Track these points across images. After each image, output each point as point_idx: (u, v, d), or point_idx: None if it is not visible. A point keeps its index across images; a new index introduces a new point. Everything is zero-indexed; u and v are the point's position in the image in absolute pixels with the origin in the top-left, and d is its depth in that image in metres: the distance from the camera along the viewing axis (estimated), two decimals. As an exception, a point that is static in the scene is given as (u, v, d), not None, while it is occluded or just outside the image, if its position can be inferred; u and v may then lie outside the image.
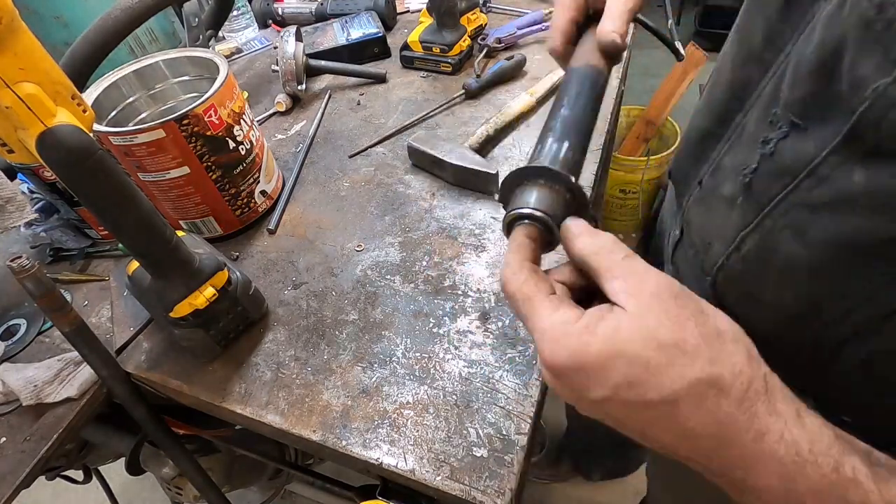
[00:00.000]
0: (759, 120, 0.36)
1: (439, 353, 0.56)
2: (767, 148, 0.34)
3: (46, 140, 0.39)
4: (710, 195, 0.43)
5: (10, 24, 0.36)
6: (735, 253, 0.38)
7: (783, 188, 0.33)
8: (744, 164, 0.37)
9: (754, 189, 0.36)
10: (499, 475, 0.47)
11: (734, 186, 0.38)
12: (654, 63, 2.78)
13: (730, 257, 0.39)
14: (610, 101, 0.85)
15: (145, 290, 0.54)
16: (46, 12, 1.03)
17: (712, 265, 0.41)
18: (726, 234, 0.39)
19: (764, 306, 0.38)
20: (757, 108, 0.37)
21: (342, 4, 1.15)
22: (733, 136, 0.40)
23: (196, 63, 0.72)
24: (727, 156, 0.41)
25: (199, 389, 0.57)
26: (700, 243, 0.44)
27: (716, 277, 0.41)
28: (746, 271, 0.38)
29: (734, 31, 0.43)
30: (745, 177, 0.36)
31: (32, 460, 0.54)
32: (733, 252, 0.38)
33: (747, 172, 0.36)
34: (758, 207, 0.35)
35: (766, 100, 0.36)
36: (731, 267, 0.39)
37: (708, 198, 0.43)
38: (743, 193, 0.37)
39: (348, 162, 0.83)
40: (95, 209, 0.46)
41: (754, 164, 0.36)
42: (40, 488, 0.73)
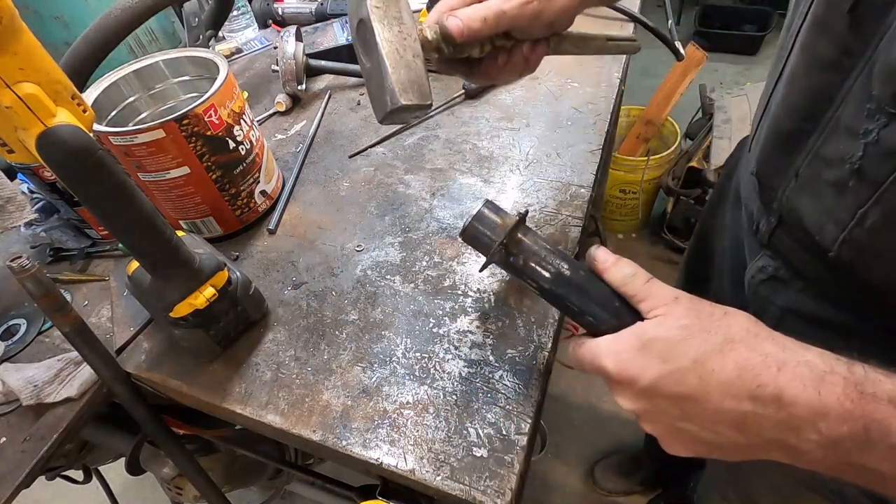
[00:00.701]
0: (854, 115, 0.41)
1: (439, 353, 0.56)
2: (871, 137, 0.39)
3: (46, 140, 0.39)
4: (812, 184, 0.47)
5: (10, 24, 0.36)
6: (857, 227, 0.43)
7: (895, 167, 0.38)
8: (847, 153, 0.41)
9: (865, 172, 0.40)
10: (499, 475, 0.47)
11: (840, 173, 0.43)
12: (654, 63, 2.78)
13: (852, 232, 0.43)
14: (610, 102, 0.85)
15: (145, 290, 0.54)
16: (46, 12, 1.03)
17: (832, 241, 0.46)
18: (840, 215, 0.44)
19: None
20: (849, 105, 0.41)
21: (342, 4, 1.15)
22: (826, 131, 0.44)
23: (196, 63, 0.72)
24: (823, 147, 0.45)
25: (199, 389, 0.57)
26: (812, 225, 0.48)
27: (839, 252, 0.45)
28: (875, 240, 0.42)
29: (800, 48, 0.47)
30: (852, 164, 0.41)
31: (32, 460, 0.54)
32: (855, 227, 0.43)
33: (854, 160, 0.41)
34: (873, 186, 0.40)
35: (858, 97, 0.40)
36: (857, 239, 0.43)
37: (811, 186, 0.47)
38: (853, 178, 0.42)
39: (348, 162, 0.83)
40: (95, 209, 0.46)
41: (860, 152, 0.40)
42: (40, 488, 0.72)
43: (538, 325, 0.57)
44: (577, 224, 0.68)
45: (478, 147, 0.81)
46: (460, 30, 0.45)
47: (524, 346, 0.56)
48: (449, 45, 0.46)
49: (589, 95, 0.87)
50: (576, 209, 0.69)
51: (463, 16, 0.44)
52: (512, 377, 0.53)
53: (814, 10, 0.44)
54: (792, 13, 0.51)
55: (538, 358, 0.55)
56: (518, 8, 0.44)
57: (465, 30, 0.44)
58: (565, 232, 0.67)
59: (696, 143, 1.80)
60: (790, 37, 0.50)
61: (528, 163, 0.77)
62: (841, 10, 0.40)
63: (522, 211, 0.44)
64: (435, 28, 0.46)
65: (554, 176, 0.74)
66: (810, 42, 0.45)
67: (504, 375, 0.54)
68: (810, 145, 0.46)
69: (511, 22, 0.45)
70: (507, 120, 0.85)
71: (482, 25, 0.45)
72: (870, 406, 0.31)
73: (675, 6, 3.06)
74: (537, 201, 0.71)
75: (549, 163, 0.77)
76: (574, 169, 0.75)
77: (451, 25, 0.45)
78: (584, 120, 0.82)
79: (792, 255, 0.54)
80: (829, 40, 0.43)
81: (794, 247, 0.53)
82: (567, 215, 0.69)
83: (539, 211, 0.70)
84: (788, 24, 0.52)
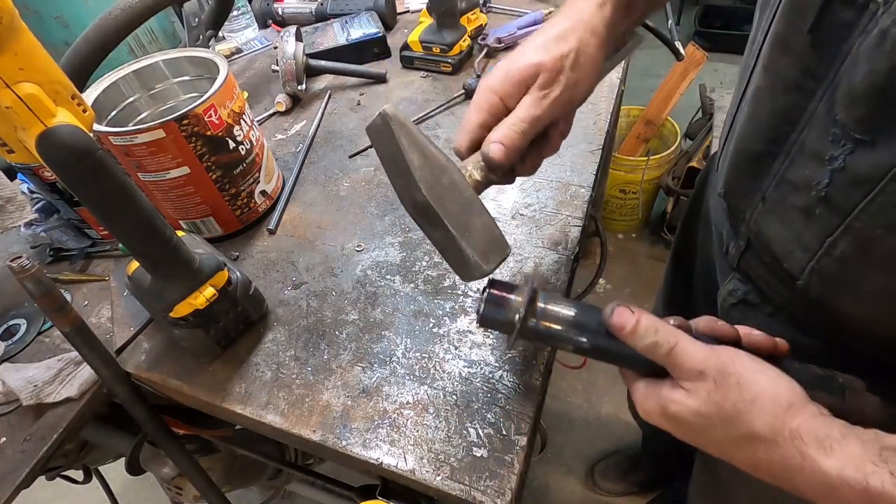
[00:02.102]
0: (818, 139, 0.39)
1: (439, 353, 0.56)
2: (837, 164, 0.38)
3: (46, 140, 0.39)
4: (779, 208, 0.45)
5: (11, 24, 0.36)
6: (825, 257, 0.41)
7: (865, 195, 0.36)
8: (813, 179, 0.40)
9: (833, 200, 0.39)
10: (499, 475, 0.47)
11: (807, 199, 0.41)
12: (654, 63, 2.78)
13: (820, 261, 0.42)
14: (610, 102, 0.85)
15: (145, 290, 0.54)
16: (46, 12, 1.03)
17: (800, 269, 0.44)
18: (808, 242, 0.42)
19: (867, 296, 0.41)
20: (813, 129, 0.40)
21: (342, 4, 1.15)
22: (792, 152, 0.43)
23: (196, 63, 0.72)
24: (788, 171, 0.43)
25: (199, 389, 0.57)
26: (779, 251, 0.46)
27: (808, 280, 0.44)
28: (844, 270, 0.41)
29: (763, 67, 0.45)
30: (818, 191, 0.40)
31: (32, 460, 0.54)
32: (823, 256, 0.41)
33: (820, 187, 0.39)
34: (841, 214, 0.39)
35: (822, 121, 0.39)
36: (825, 268, 0.42)
37: (778, 210, 0.46)
38: (820, 205, 0.40)
39: (348, 162, 0.83)
40: (95, 209, 0.46)
41: (826, 178, 0.39)
42: (40, 488, 0.72)
43: (538, 325, 0.57)
44: (577, 224, 0.68)
45: (478, 147, 0.81)
46: (506, 155, 0.42)
47: (524, 346, 0.56)
48: (496, 171, 0.44)
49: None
50: (576, 209, 0.69)
51: (503, 139, 0.41)
52: (512, 377, 0.53)
53: (775, 28, 0.42)
54: (755, 28, 0.49)
55: (538, 358, 0.55)
56: (549, 108, 0.42)
57: (509, 150, 0.42)
58: (565, 232, 0.67)
59: (696, 143, 1.80)
60: (752, 55, 0.48)
61: (528, 163, 0.77)
62: (801, 30, 0.38)
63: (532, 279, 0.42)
64: (478, 164, 0.43)
65: (554, 176, 0.74)
66: (772, 61, 0.43)
67: (504, 375, 0.54)
68: (776, 168, 0.45)
69: (547, 122, 0.43)
70: (507, 120, 0.85)
71: (522, 140, 0.42)
72: None
73: (675, 6, 3.06)
74: (537, 201, 0.71)
75: (549, 163, 0.76)
76: (574, 169, 0.75)
77: (495, 155, 0.42)
78: (584, 120, 0.82)
79: (760, 280, 0.52)
80: (791, 60, 0.41)
81: (762, 271, 0.51)
82: (567, 215, 0.69)
83: (539, 211, 0.70)
84: (752, 39, 0.49)
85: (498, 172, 0.44)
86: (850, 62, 0.35)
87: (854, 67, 0.35)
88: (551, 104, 0.42)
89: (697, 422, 0.36)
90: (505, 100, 0.43)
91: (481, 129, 0.43)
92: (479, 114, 0.43)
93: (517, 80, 0.42)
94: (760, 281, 0.52)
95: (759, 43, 0.45)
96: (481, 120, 0.43)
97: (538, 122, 0.42)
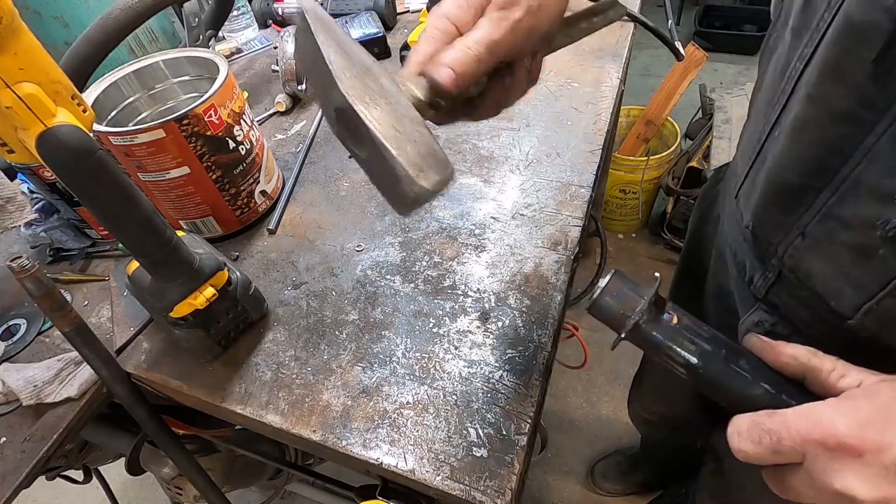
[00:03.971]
0: (880, 175, 0.37)
1: (439, 353, 0.56)
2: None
3: (46, 140, 0.39)
4: (824, 245, 0.43)
5: (10, 24, 0.36)
6: (889, 297, 0.39)
7: None
8: (875, 219, 0.37)
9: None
10: (499, 475, 0.47)
11: (864, 238, 0.39)
12: (654, 63, 2.79)
13: (881, 302, 0.40)
14: (610, 102, 0.85)
15: (145, 290, 0.54)
16: (46, 12, 1.03)
17: (853, 309, 0.42)
18: (866, 282, 0.40)
19: None
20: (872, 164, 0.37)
21: (342, 4, 1.15)
22: (842, 188, 0.40)
23: (196, 63, 0.72)
24: (837, 207, 0.41)
25: (199, 389, 0.57)
26: (824, 289, 0.44)
27: (862, 321, 0.42)
28: None
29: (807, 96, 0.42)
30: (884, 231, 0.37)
31: (32, 460, 0.54)
32: (886, 297, 0.39)
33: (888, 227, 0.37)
34: None
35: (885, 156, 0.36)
36: (887, 308, 0.40)
37: (823, 247, 0.44)
38: (885, 245, 0.38)
39: (348, 162, 0.83)
40: (95, 209, 0.46)
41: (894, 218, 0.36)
42: (40, 488, 0.73)
43: (538, 325, 0.57)
44: (577, 224, 0.68)
45: (478, 147, 0.81)
46: (454, 80, 0.35)
47: (524, 346, 0.56)
48: (445, 98, 0.37)
49: (589, 95, 0.87)
50: (576, 209, 0.69)
51: (452, 62, 0.35)
52: (512, 377, 0.53)
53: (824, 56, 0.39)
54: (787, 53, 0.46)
55: (538, 358, 0.55)
56: (510, 31, 0.36)
57: (460, 78, 0.35)
58: (565, 232, 0.67)
59: (696, 143, 1.80)
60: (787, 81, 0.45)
61: (528, 163, 0.77)
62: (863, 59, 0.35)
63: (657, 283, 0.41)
64: (422, 83, 0.37)
65: (554, 176, 0.74)
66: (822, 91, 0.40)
67: (504, 375, 0.54)
68: (820, 203, 0.42)
69: (507, 49, 0.37)
70: (507, 120, 0.85)
71: (477, 66, 0.36)
72: None
73: (675, 6, 3.06)
74: (537, 201, 0.71)
75: (549, 163, 0.77)
76: (574, 169, 0.75)
77: (441, 79, 0.35)
78: (584, 120, 0.82)
79: (792, 313, 0.50)
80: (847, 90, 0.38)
81: (795, 305, 0.49)
82: (567, 215, 0.69)
83: (539, 211, 0.70)
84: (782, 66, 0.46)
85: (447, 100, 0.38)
86: None
87: None
88: (511, 27, 0.36)
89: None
90: (461, 27, 0.37)
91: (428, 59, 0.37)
92: (431, 43, 0.37)
93: (474, 3, 0.37)
94: (792, 314, 0.50)
95: (799, 70, 0.43)
96: (433, 50, 0.37)
97: (496, 46, 0.36)
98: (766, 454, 0.33)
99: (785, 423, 0.33)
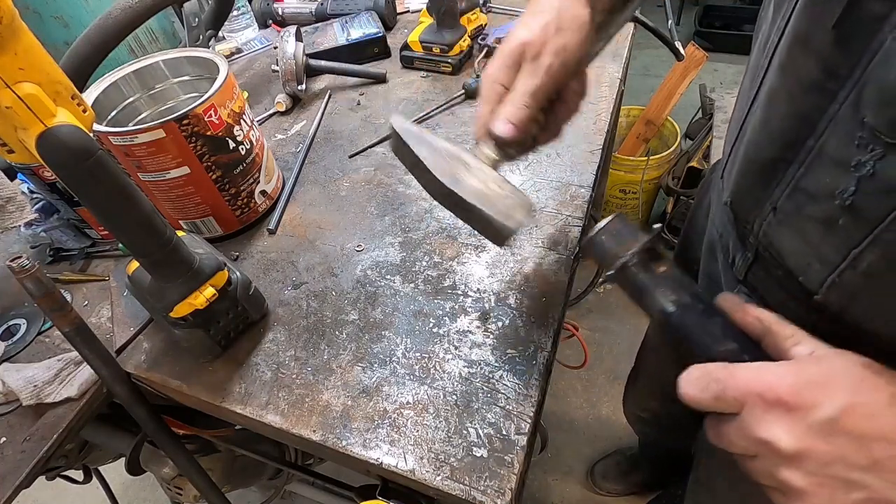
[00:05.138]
0: (841, 144, 0.37)
1: (439, 353, 0.56)
2: (865, 170, 0.35)
3: (46, 140, 0.39)
4: (793, 219, 0.44)
5: (11, 24, 0.36)
6: (849, 270, 0.39)
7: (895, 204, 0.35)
8: (835, 188, 0.38)
9: (859, 209, 0.37)
10: (499, 475, 0.47)
11: (828, 209, 0.39)
12: (654, 63, 2.79)
13: (842, 275, 0.40)
14: (610, 102, 0.85)
15: (145, 290, 0.54)
16: (46, 12, 1.03)
17: (819, 283, 0.42)
18: (828, 255, 0.40)
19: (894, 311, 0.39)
20: (835, 133, 0.38)
21: (342, 4, 1.15)
22: (808, 160, 0.41)
23: (196, 63, 0.72)
24: (804, 179, 0.41)
25: (199, 389, 0.57)
26: (794, 265, 0.45)
27: (828, 295, 0.42)
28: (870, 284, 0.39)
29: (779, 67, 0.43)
30: (843, 200, 0.37)
31: (32, 460, 0.54)
32: (846, 270, 0.39)
33: (845, 196, 0.37)
34: (869, 225, 0.36)
35: (846, 124, 0.36)
36: (848, 283, 0.40)
37: (792, 221, 0.44)
38: (844, 215, 0.38)
39: (348, 162, 0.83)
40: (95, 209, 0.46)
41: (852, 186, 0.36)
42: (40, 488, 0.73)
43: (538, 325, 0.57)
44: (577, 224, 0.68)
45: (478, 147, 0.81)
46: (514, 131, 0.44)
47: (524, 346, 0.56)
48: (511, 146, 0.47)
49: (589, 95, 0.87)
50: (576, 209, 0.69)
51: (509, 116, 0.44)
52: (512, 377, 0.53)
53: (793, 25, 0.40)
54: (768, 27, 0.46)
55: (538, 358, 0.55)
56: (545, 75, 0.44)
57: (516, 128, 0.44)
58: (565, 232, 0.67)
59: (696, 143, 1.80)
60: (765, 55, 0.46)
61: (528, 163, 0.77)
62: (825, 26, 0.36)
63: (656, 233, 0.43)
64: (489, 144, 0.47)
65: (554, 176, 0.74)
66: (790, 61, 0.41)
67: (504, 375, 0.54)
68: (789, 176, 0.43)
69: (547, 90, 0.45)
70: (507, 120, 0.85)
71: (527, 112, 0.44)
72: None
73: (675, 6, 3.06)
74: (537, 201, 0.71)
75: (549, 163, 0.77)
76: (574, 169, 0.75)
77: (503, 133, 0.44)
78: (584, 120, 0.82)
79: (770, 295, 0.50)
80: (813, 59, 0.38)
81: (771, 285, 0.49)
82: (567, 215, 0.69)
83: (539, 211, 0.70)
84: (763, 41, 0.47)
85: (514, 147, 0.47)
86: (882, 59, 0.33)
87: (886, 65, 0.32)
88: (546, 72, 0.44)
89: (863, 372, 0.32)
90: (507, 84, 0.46)
91: None
92: (488, 105, 0.46)
93: (510, 63, 0.45)
94: (771, 296, 0.50)
95: (774, 43, 0.44)
96: (489, 110, 0.46)
97: (539, 92, 0.44)
98: (709, 400, 0.35)
99: (732, 375, 0.34)
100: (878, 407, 0.30)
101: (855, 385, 0.31)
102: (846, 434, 0.30)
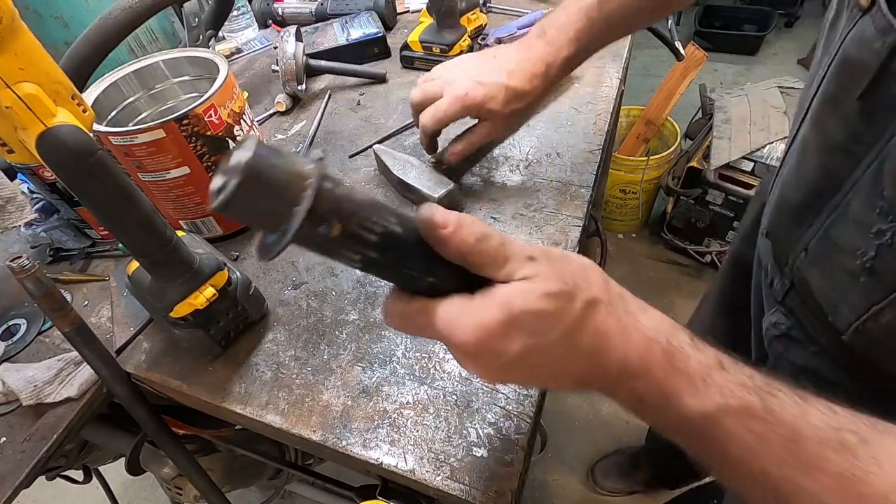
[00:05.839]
0: (864, 207, 0.38)
1: (439, 353, 0.56)
2: (884, 239, 0.36)
3: (46, 140, 0.39)
4: (823, 262, 0.44)
5: (11, 24, 0.36)
6: (871, 321, 0.40)
7: None
8: (858, 248, 0.38)
9: (878, 272, 0.37)
10: (499, 475, 0.47)
11: (852, 264, 0.40)
12: (654, 63, 2.78)
13: (866, 324, 0.40)
14: (610, 102, 0.85)
15: (145, 290, 0.54)
16: (46, 12, 1.03)
17: (846, 325, 0.43)
18: (854, 302, 0.41)
19: None
20: (858, 195, 0.38)
21: (342, 4, 1.15)
22: (835, 213, 0.41)
23: (196, 63, 0.72)
24: (833, 230, 0.42)
25: (199, 389, 0.57)
26: (824, 303, 0.45)
27: (853, 338, 0.43)
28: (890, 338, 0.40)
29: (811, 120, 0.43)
30: (864, 261, 0.38)
31: (32, 460, 0.54)
32: (869, 321, 0.40)
33: (866, 258, 0.38)
34: (886, 288, 0.37)
35: (868, 190, 0.37)
36: (871, 332, 0.41)
37: (823, 263, 0.44)
38: (865, 274, 0.39)
39: (348, 162, 0.83)
40: (95, 209, 0.46)
41: (872, 251, 0.37)
42: (40, 488, 0.73)
43: (538, 325, 0.57)
44: (577, 224, 0.68)
45: (478, 147, 0.81)
46: None
47: (524, 346, 0.56)
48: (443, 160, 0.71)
49: (589, 95, 0.87)
50: (576, 209, 0.69)
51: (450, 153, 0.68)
52: (512, 377, 0.53)
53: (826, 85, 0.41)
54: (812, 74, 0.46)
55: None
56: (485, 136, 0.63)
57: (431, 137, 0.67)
58: (565, 232, 0.67)
59: (696, 143, 1.80)
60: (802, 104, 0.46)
61: (528, 163, 0.77)
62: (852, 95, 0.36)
63: (315, 156, 0.30)
64: None
65: (554, 176, 0.74)
66: (821, 118, 0.42)
67: (504, 375, 0.54)
68: (819, 223, 0.43)
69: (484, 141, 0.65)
70: (507, 120, 0.85)
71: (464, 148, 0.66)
72: (670, 375, 0.31)
73: (675, 6, 3.06)
74: (537, 201, 0.71)
75: (549, 163, 0.77)
76: (574, 169, 0.75)
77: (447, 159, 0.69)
78: (584, 120, 0.82)
79: (805, 320, 0.50)
80: (839, 123, 0.39)
81: (807, 313, 0.50)
82: (567, 215, 0.69)
83: (539, 211, 0.70)
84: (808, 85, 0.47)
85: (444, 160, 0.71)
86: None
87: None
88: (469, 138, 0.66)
89: (545, 307, 0.30)
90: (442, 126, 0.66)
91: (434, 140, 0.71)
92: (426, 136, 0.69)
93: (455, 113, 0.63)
94: (806, 321, 0.51)
95: (813, 92, 0.44)
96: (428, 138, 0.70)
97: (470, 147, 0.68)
98: (408, 332, 0.35)
99: (421, 317, 0.32)
100: (550, 348, 0.31)
101: (534, 328, 0.31)
102: (520, 367, 0.32)
